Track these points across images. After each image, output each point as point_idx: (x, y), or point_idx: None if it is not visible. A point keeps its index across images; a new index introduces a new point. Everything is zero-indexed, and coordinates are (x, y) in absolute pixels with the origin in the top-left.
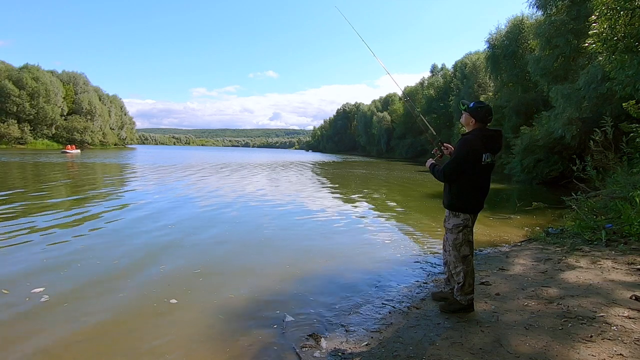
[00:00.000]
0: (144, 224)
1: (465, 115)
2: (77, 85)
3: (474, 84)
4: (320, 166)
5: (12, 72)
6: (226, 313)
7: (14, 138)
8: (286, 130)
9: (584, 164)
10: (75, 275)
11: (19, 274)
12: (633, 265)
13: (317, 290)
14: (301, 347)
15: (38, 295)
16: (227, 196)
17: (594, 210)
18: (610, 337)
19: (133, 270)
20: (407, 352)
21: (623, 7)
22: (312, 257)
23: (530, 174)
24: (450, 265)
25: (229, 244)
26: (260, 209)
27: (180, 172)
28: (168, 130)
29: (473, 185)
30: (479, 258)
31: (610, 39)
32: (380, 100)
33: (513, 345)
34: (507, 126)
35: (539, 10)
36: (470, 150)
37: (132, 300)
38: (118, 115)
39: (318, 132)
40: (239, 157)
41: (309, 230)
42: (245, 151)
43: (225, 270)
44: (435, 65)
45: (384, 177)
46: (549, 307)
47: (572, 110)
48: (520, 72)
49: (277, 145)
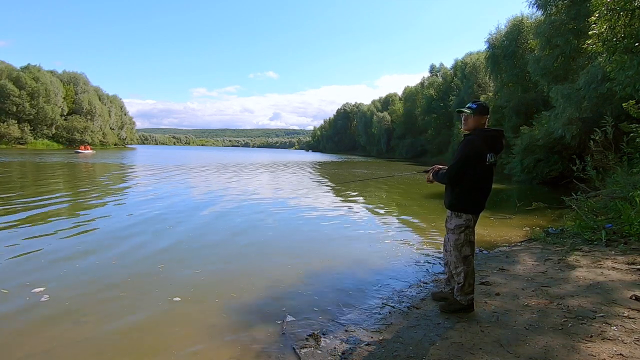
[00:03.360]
0: (145, 224)
1: (474, 117)
2: (77, 85)
3: (474, 84)
4: (321, 166)
5: (12, 72)
6: (226, 313)
7: (14, 138)
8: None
9: (584, 164)
10: (76, 274)
11: (19, 273)
12: (633, 265)
13: (317, 290)
14: (301, 347)
15: (38, 295)
16: (228, 196)
17: (594, 210)
18: (610, 337)
19: (134, 269)
20: (407, 352)
21: (623, 7)
22: (312, 257)
23: (530, 174)
24: (451, 265)
25: (230, 244)
26: (261, 208)
27: (185, 172)
28: (168, 130)
29: (475, 185)
30: (479, 258)
31: (610, 39)
32: (380, 100)
33: (513, 345)
34: (507, 126)
35: (539, 10)
36: (474, 151)
37: (134, 300)
38: (118, 115)
39: (318, 132)
40: (239, 158)
41: (309, 230)
42: (245, 151)
43: (225, 270)
44: (434, 65)
45: (384, 177)
46: (549, 307)
47: (572, 110)
48: (520, 72)
49: (277, 145)
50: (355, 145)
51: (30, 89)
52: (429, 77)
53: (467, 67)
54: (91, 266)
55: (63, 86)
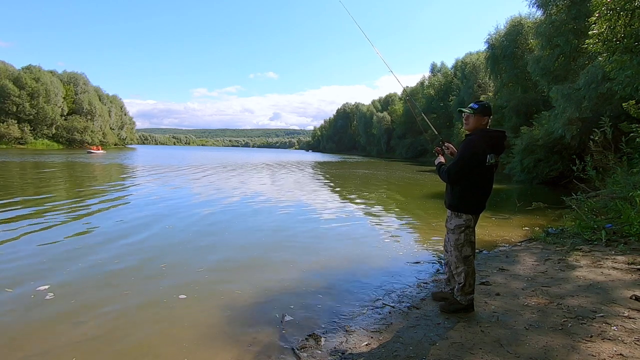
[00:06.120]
0: (146, 224)
1: (475, 118)
2: (77, 85)
3: (474, 84)
4: (321, 166)
5: (12, 72)
6: (226, 312)
7: (14, 138)
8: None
9: (584, 164)
10: (81, 272)
11: (23, 271)
12: (633, 265)
13: (317, 290)
14: (301, 347)
15: (43, 293)
16: (229, 196)
17: (594, 210)
18: (610, 337)
19: (137, 268)
20: (407, 352)
21: (623, 8)
22: (313, 257)
23: (530, 174)
24: (452, 265)
25: (230, 244)
26: (262, 208)
27: (188, 172)
28: (168, 130)
29: (476, 185)
30: (479, 258)
31: (610, 39)
32: (379, 100)
33: (513, 345)
34: (507, 126)
35: (539, 9)
36: (475, 151)
37: (138, 298)
38: (118, 115)
39: (318, 132)
40: (240, 158)
41: (309, 230)
42: (246, 151)
43: (225, 270)
44: (435, 65)
45: (384, 177)
46: (549, 307)
47: (572, 110)
48: (520, 72)
49: (277, 145)
50: (355, 145)
51: (30, 89)
52: (430, 77)
53: (467, 67)
54: (97, 264)
55: (63, 86)
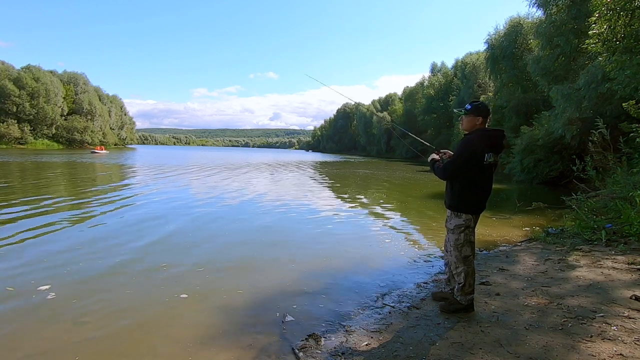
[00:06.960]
0: (147, 224)
1: (468, 118)
2: (77, 85)
3: (474, 84)
4: (321, 166)
5: (12, 72)
6: (227, 312)
7: (14, 138)
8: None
9: (583, 164)
10: (82, 272)
11: (24, 271)
12: (633, 265)
13: (317, 290)
14: (301, 347)
15: (44, 293)
16: (230, 196)
17: (594, 210)
18: (610, 337)
19: (138, 268)
20: (407, 352)
21: (623, 8)
22: (312, 257)
23: (530, 174)
24: (452, 265)
25: (230, 244)
26: (262, 208)
27: (190, 172)
28: (168, 130)
29: (475, 185)
30: (479, 258)
31: (610, 39)
32: (379, 100)
33: (513, 345)
34: (507, 126)
35: (539, 9)
36: (473, 149)
37: (139, 297)
38: (118, 115)
39: (318, 132)
40: (240, 158)
41: (309, 230)
42: (246, 151)
43: (226, 270)
44: (435, 65)
45: (385, 177)
46: (549, 307)
47: (572, 110)
48: (520, 72)
49: (277, 145)
50: (355, 145)
51: (30, 89)
52: (430, 77)
53: (467, 67)
54: (98, 263)
55: (63, 86)
